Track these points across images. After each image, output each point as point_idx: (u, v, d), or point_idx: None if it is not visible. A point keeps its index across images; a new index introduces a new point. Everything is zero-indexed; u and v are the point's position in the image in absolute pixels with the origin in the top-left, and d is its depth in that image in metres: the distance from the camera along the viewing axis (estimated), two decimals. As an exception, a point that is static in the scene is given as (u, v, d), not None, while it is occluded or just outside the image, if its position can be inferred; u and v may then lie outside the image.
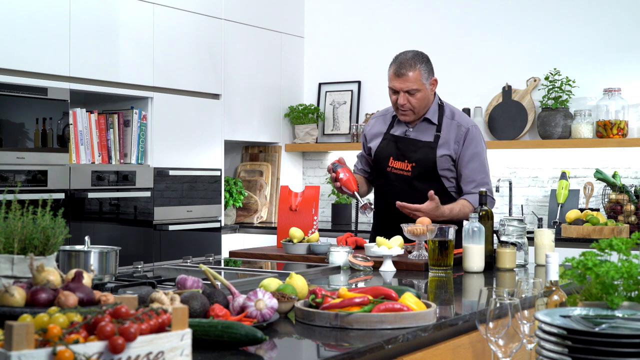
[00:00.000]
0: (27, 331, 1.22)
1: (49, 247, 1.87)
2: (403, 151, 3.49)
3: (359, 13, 5.99)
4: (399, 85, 3.40)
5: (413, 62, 3.40)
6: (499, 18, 5.48)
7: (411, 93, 3.40)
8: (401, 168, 3.50)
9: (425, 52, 3.51)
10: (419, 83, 3.40)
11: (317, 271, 2.89)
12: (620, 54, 5.11)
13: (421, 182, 3.45)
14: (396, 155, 3.51)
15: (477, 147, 3.48)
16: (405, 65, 3.40)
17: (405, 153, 3.49)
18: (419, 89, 3.41)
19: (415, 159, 3.46)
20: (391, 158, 3.50)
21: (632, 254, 1.76)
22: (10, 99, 4.07)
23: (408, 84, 3.39)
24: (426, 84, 3.43)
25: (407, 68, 3.39)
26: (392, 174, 3.51)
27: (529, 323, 1.88)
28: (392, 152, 3.51)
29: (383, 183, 3.57)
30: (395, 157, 3.51)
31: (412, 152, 3.48)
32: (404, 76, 3.39)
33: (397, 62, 3.43)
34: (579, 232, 4.57)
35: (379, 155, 3.55)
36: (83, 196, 4.39)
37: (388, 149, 3.53)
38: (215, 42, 5.32)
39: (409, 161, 3.47)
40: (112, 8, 4.66)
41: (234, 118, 5.49)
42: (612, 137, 4.95)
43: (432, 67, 3.49)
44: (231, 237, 5.42)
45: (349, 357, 1.66)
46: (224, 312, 1.79)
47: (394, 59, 3.47)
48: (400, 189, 3.48)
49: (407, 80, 3.39)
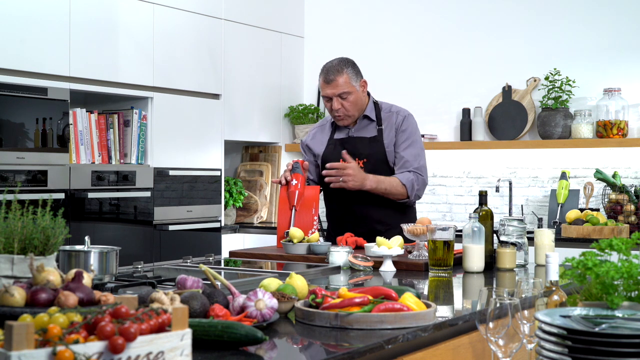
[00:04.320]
0: (27, 331, 1.22)
1: (49, 247, 1.87)
2: (351, 150, 3.58)
3: (359, 13, 5.99)
4: (331, 91, 3.54)
5: (340, 67, 3.55)
6: (499, 18, 5.48)
7: (343, 97, 3.54)
8: None
9: (350, 58, 3.64)
10: (349, 86, 3.53)
11: (317, 271, 2.89)
12: (620, 54, 5.11)
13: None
14: None
15: (413, 133, 3.60)
16: (332, 71, 3.54)
17: (353, 151, 3.58)
18: (350, 92, 3.54)
19: (366, 154, 3.58)
20: (341, 160, 3.55)
21: (632, 254, 1.76)
22: (10, 99, 4.07)
23: (338, 88, 3.53)
24: (356, 85, 3.56)
25: (334, 74, 3.54)
26: None
27: (529, 323, 1.88)
28: (341, 154, 3.56)
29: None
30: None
31: (360, 149, 3.59)
32: (333, 82, 3.53)
33: (324, 70, 3.58)
34: (579, 232, 4.57)
35: (328, 160, 3.61)
36: (83, 196, 4.39)
37: (336, 152, 3.61)
38: (215, 42, 5.32)
39: (360, 158, 3.58)
40: (112, 8, 4.66)
41: (234, 118, 5.49)
42: (612, 137, 4.95)
43: (359, 70, 3.62)
44: (231, 237, 5.42)
45: (349, 357, 1.66)
46: (224, 312, 1.79)
47: (322, 69, 3.60)
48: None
49: (337, 85, 3.53)
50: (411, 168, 3.54)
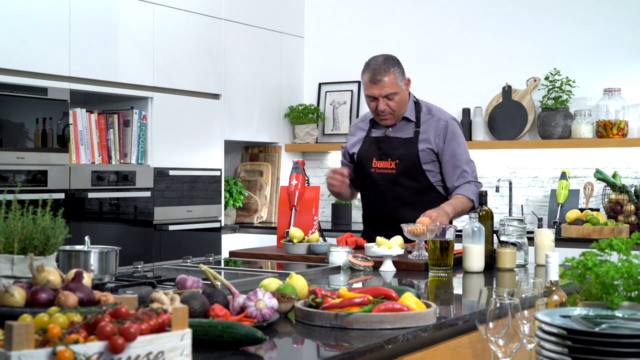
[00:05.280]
0: (27, 331, 1.22)
1: (49, 247, 1.87)
2: (385, 150, 3.53)
3: (358, 13, 5.99)
4: (377, 92, 3.45)
5: (386, 67, 3.44)
6: (499, 18, 5.48)
7: (389, 97, 3.46)
8: (385, 167, 3.54)
9: (395, 55, 3.56)
10: (395, 86, 3.45)
11: (317, 271, 2.89)
12: (620, 54, 5.11)
13: (406, 179, 3.51)
14: (379, 155, 3.55)
15: (459, 139, 3.55)
16: (379, 71, 3.44)
17: (387, 152, 3.53)
18: (397, 92, 3.45)
19: (398, 155, 3.51)
20: (374, 159, 3.54)
21: (632, 254, 1.76)
22: (10, 99, 4.07)
23: (385, 89, 3.44)
24: (401, 85, 3.48)
25: (382, 74, 3.44)
26: (376, 174, 3.56)
27: (529, 323, 1.88)
28: (375, 153, 3.55)
29: (368, 185, 3.62)
30: (378, 157, 3.55)
31: (394, 150, 3.53)
32: (380, 82, 3.44)
33: (370, 70, 3.47)
34: (579, 232, 4.57)
35: (362, 158, 3.59)
36: (83, 196, 4.39)
37: (370, 151, 3.57)
38: (215, 42, 5.32)
39: (392, 159, 3.52)
40: (112, 8, 4.66)
41: (234, 118, 5.49)
42: (612, 137, 4.95)
43: (404, 68, 3.54)
44: (231, 237, 5.42)
45: (349, 357, 1.66)
46: (224, 312, 1.79)
47: (365, 66, 3.50)
48: (385, 187, 3.54)
49: (384, 85, 3.44)
50: (470, 178, 3.49)
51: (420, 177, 3.50)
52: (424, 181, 3.51)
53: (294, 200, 3.50)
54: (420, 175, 3.50)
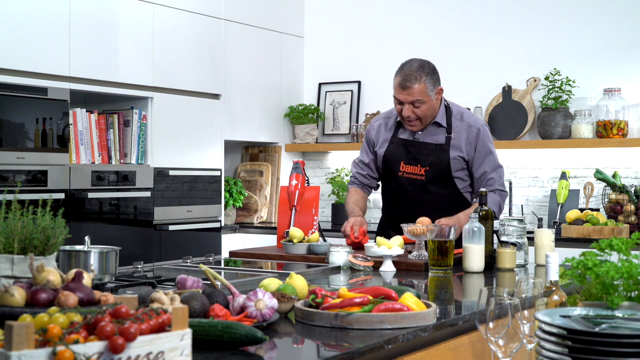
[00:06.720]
0: (27, 331, 1.22)
1: (49, 247, 1.87)
2: (414, 155, 3.45)
3: (359, 13, 5.99)
4: (404, 98, 3.36)
5: (418, 75, 3.35)
6: (499, 18, 5.48)
7: (416, 105, 3.37)
8: (414, 172, 3.46)
9: (431, 62, 3.46)
10: (423, 95, 3.36)
11: (317, 271, 2.89)
12: (620, 54, 5.11)
13: (435, 185, 3.44)
14: (407, 159, 3.47)
15: (490, 146, 3.48)
16: (410, 77, 3.34)
17: (417, 157, 3.45)
18: (424, 101, 3.37)
19: (429, 162, 3.43)
20: (402, 162, 3.47)
21: (632, 254, 1.76)
22: (10, 99, 4.07)
23: (413, 96, 3.35)
24: (431, 95, 3.38)
25: (412, 81, 3.34)
26: (404, 178, 3.48)
27: (529, 323, 1.88)
28: (403, 156, 3.47)
29: (394, 188, 3.54)
30: (406, 161, 3.47)
31: (424, 156, 3.44)
32: (408, 89, 3.35)
33: (402, 74, 3.37)
34: (579, 232, 4.57)
35: (389, 160, 3.51)
36: (83, 196, 4.39)
37: (398, 153, 3.49)
38: (215, 42, 5.32)
39: (422, 165, 3.44)
40: (112, 8, 4.66)
41: (234, 118, 5.49)
42: (612, 137, 4.95)
43: (439, 77, 3.45)
44: (231, 237, 5.42)
45: (349, 357, 1.66)
46: (224, 312, 1.79)
47: (399, 69, 3.41)
48: (414, 193, 3.47)
49: (412, 93, 3.35)
50: (496, 186, 3.43)
51: (448, 184, 3.44)
52: (452, 188, 3.45)
53: (294, 200, 3.49)
54: (449, 182, 3.44)
